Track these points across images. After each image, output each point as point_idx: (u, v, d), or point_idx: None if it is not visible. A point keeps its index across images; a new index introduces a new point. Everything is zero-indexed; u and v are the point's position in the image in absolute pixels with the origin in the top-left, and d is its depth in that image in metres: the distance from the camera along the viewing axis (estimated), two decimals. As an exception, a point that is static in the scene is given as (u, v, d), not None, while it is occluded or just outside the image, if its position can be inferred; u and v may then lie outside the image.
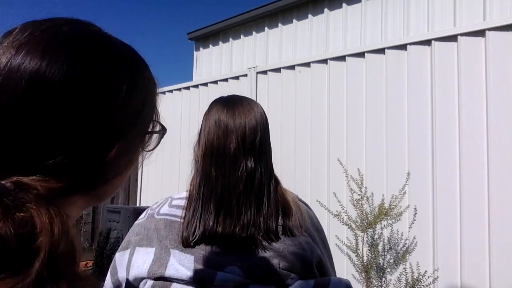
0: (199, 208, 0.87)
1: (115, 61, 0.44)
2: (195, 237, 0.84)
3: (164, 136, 0.55)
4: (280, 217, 0.89)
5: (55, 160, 0.38)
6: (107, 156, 0.43)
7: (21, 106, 0.37)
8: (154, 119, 0.51)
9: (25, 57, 0.37)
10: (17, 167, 0.37)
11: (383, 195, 2.70)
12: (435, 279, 2.51)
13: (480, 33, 2.52)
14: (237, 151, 0.85)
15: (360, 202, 2.67)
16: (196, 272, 0.81)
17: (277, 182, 0.92)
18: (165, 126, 0.54)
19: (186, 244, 0.84)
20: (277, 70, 3.64)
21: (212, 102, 0.92)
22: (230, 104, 0.89)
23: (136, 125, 0.47)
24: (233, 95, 0.95)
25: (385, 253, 2.76)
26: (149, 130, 0.51)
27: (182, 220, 0.88)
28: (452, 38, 2.64)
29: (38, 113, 0.37)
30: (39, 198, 0.35)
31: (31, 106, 0.37)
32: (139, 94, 0.47)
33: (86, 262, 4.41)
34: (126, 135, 0.45)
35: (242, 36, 4.12)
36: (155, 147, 0.53)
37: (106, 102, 0.42)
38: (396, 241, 2.75)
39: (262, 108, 0.93)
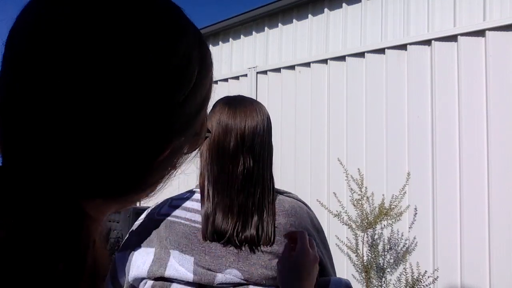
0: (205, 205, 0.87)
1: (190, 38, 0.35)
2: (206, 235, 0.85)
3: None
4: (275, 219, 0.88)
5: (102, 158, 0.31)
6: (160, 156, 0.35)
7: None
8: (206, 116, 0.42)
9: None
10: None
11: (383, 195, 2.70)
12: (435, 279, 2.51)
13: (480, 33, 2.52)
14: (236, 149, 0.86)
15: (360, 202, 2.67)
16: (196, 273, 0.81)
17: (272, 184, 0.92)
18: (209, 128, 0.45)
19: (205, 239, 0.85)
20: (277, 70, 3.64)
21: (217, 101, 0.93)
22: (231, 103, 0.90)
23: (195, 122, 0.39)
24: (238, 95, 0.96)
25: (385, 253, 2.76)
26: (199, 130, 0.41)
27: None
28: (452, 38, 2.63)
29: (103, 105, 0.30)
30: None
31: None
32: (206, 84, 0.38)
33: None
34: (182, 133, 0.37)
35: (242, 36, 4.11)
36: (193, 151, 0.43)
37: (175, 92, 0.33)
38: (396, 241, 2.74)
39: (265, 110, 0.93)
